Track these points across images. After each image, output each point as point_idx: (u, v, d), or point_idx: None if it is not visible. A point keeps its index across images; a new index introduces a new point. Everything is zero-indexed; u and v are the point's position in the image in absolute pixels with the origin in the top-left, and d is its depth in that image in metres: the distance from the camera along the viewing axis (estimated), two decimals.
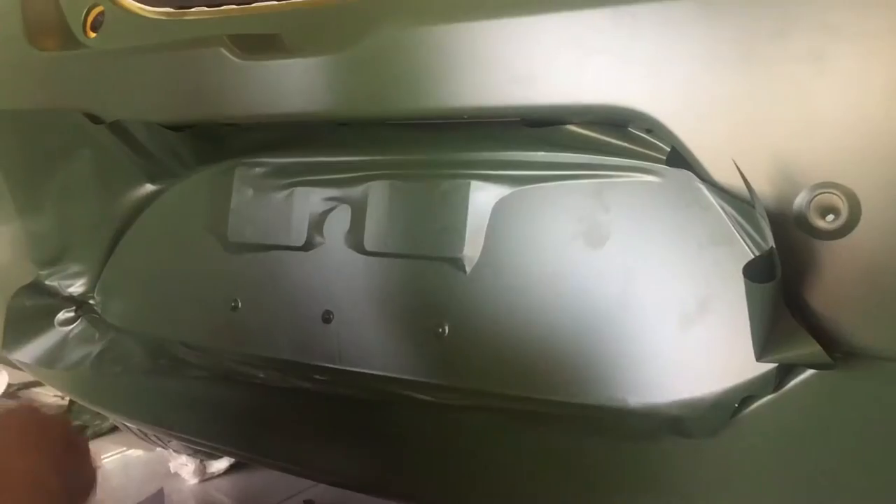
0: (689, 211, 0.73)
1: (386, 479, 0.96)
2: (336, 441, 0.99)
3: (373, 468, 0.97)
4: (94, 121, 1.04)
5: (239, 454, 1.16)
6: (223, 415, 1.08)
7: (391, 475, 0.95)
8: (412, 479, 0.93)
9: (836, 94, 0.62)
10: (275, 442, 1.06)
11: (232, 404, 1.07)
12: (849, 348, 0.63)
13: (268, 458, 1.11)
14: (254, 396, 1.04)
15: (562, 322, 0.79)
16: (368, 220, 0.92)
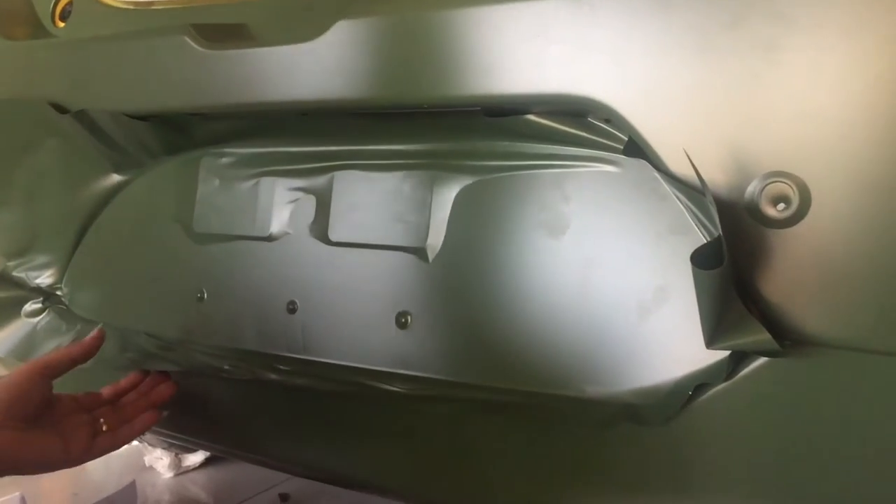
0: (647, 201, 0.74)
1: (354, 469, 0.96)
2: (305, 433, 0.99)
3: (342, 459, 0.97)
4: (60, 110, 1.03)
5: (210, 446, 1.16)
6: (192, 406, 1.08)
7: (360, 466, 0.95)
8: (380, 469, 0.93)
9: (788, 85, 0.62)
10: (244, 433, 1.06)
11: (200, 396, 1.07)
12: (799, 336, 0.64)
13: (237, 449, 1.10)
14: (222, 388, 1.04)
15: (522, 312, 0.79)
16: (333, 211, 0.92)
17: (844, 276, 0.62)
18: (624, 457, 0.74)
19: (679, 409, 0.70)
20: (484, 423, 0.83)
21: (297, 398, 0.97)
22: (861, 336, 0.62)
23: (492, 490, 0.82)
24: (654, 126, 0.67)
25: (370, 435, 0.92)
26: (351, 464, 0.94)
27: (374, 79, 0.80)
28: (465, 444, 0.84)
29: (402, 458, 0.89)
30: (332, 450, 0.96)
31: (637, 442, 0.73)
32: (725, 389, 0.68)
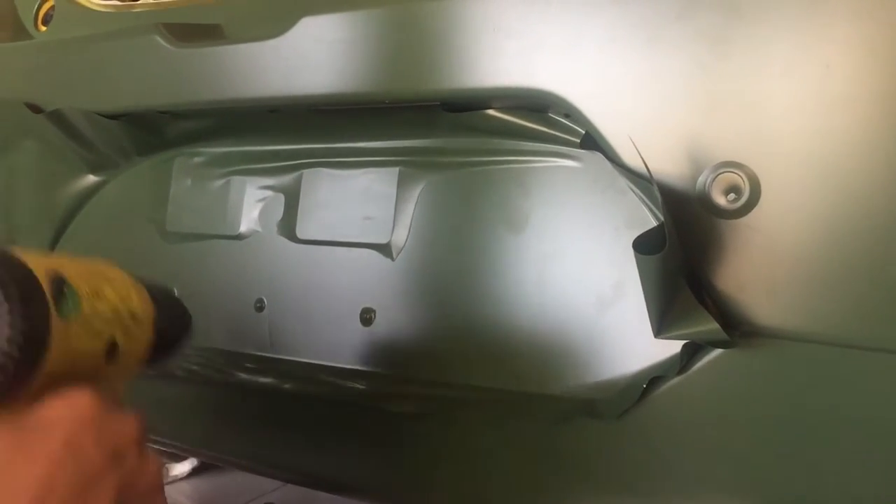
0: (605, 195, 0.74)
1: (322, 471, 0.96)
2: (278, 435, 0.98)
3: (309, 461, 0.96)
4: (35, 110, 1.04)
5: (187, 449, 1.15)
6: (166, 408, 1.07)
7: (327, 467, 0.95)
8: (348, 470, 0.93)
9: (736, 76, 0.63)
10: (219, 437, 1.05)
11: (174, 399, 1.06)
12: (752, 328, 0.63)
13: (209, 451, 1.10)
14: (197, 391, 1.03)
15: (482, 308, 0.79)
16: (301, 209, 0.92)
17: (795, 267, 0.62)
18: (579, 452, 0.73)
19: (634, 403, 0.69)
20: (447, 422, 0.82)
21: (270, 400, 0.97)
22: (813, 327, 0.62)
23: (455, 488, 0.82)
24: (606, 118, 0.68)
25: (337, 436, 0.91)
26: (318, 465, 0.93)
27: (336, 74, 0.80)
28: (426, 443, 0.84)
29: (369, 458, 0.89)
30: (302, 451, 0.96)
31: (594, 437, 0.72)
32: (680, 382, 0.68)
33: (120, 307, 0.54)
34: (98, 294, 0.52)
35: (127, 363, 0.56)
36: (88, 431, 0.47)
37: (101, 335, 0.52)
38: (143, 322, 0.57)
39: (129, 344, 0.55)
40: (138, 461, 0.50)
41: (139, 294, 0.58)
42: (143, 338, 0.58)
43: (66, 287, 0.49)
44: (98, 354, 0.52)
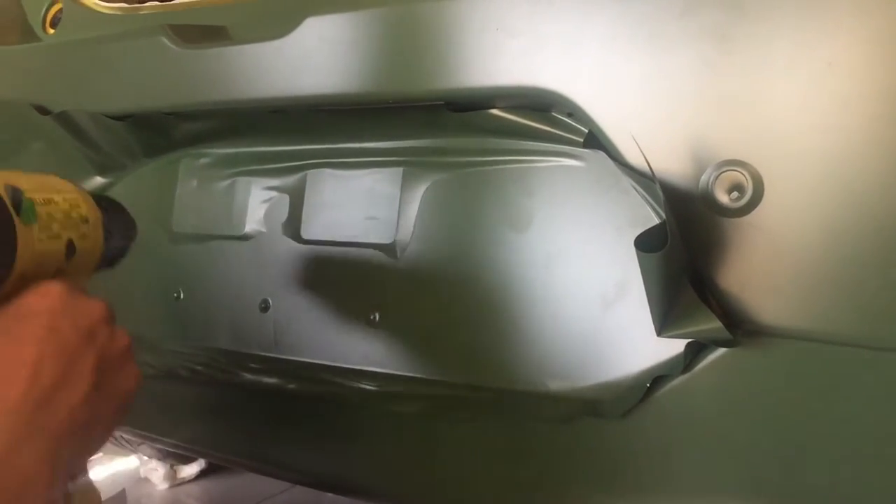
0: (609, 194, 0.74)
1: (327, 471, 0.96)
2: (281, 436, 0.99)
3: (314, 461, 0.96)
4: (43, 112, 1.04)
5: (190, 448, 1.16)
6: (171, 410, 1.08)
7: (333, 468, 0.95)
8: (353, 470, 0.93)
9: (740, 73, 0.62)
10: (222, 436, 1.06)
11: (179, 399, 1.07)
12: (755, 326, 0.63)
13: (214, 451, 1.10)
14: (200, 391, 1.04)
15: (486, 307, 0.79)
16: (305, 209, 0.92)
17: (799, 265, 0.62)
18: (582, 452, 0.73)
19: (638, 402, 0.69)
20: (450, 422, 0.82)
21: (275, 401, 0.97)
22: (817, 325, 0.61)
23: (460, 488, 0.82)
24: (609, 116, 0.67)
25: (341, 436, 0.92)
26: (322, 466, 0.94)
27: (340, 74, 0.80)
28: (431, 442, 0.84)
29: (373, 458, 0.89)
30: (306, 452, 0.96)
31: (597, 436, 0.72)
32: (684, 382, 0.68)
33: (71, 212, 0.62)
34: (50, 201, 0.59)
35: (85, 261, 0.64)
36: (64, 316, 0.55)
37: (60, 237, 0.60)
38: (93, 225, 0.65)
39: (84, 243, 0.63)
40: (108, 336, 0.58)
41: (86, 201, 0.65)
42: (96, 238, 0.65)
43: (23, 197, 0.55)
44: (59, 254, 0.60)
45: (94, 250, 0.66)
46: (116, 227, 0.70)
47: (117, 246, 0.71)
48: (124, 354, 0.60)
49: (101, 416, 0.57)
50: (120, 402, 0.59)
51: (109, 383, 0.57)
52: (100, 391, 0.56)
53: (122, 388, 0.59)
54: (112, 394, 0.58)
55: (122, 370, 0.59)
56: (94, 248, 0.65)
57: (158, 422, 1.08)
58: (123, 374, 0.59)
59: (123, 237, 0.72)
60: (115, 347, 0.59)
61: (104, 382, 0.56)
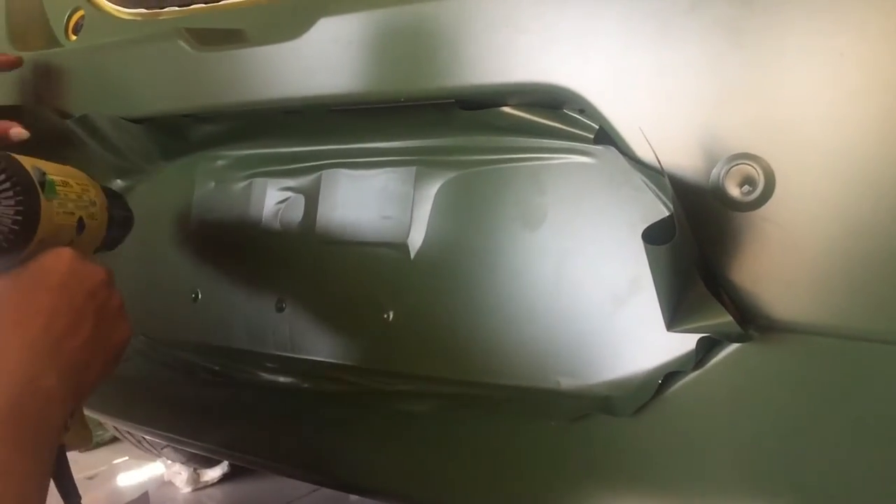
0: (621, 191, 0.73)
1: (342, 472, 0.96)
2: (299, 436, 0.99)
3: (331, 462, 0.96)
4: (64, 117, 1.06)
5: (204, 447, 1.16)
6: (188, 408, 1.09)
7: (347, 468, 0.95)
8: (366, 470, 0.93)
9: (750, 66, 0.62)
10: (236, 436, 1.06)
11: (196, 399, 1.07)
12: (768, 321, 0.62)
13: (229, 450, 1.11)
14: (218, 391, 1.04)
15: (499, 305, 0.79)
16: (320, 209, 0.92)
17: (812, 259, 0.61)
18: (594, 449, 0.73)
19: (649, 399, 0.68)
20: (464, 421, 0.82)
21: (289, 400, 0.97)
22: (831, 320, 0.61)
23: (473, 486, 0.81)
24: (620, 112, 0.67)
25: (358, 436, 0.92)
26: (338, 465, 0.94)
27: (353, 74, 0.81)
28: (446, 442, 0.84)
29: (388, 458, 0.89)
30: (322, 452, 0.96)
31: (609, 433, 0.72)
32: (696, 378, 0.67)
33: (83, 195, 0.76)
34: (67, 184, 0.73)
35: (91, 238, 0.78)
36: (73, 275, 0.68)
37: (73, 214, 0.73)
38: (100, 208, 0.80)
39: (91, 221, 0.77)
40: (107, 295, 0.71)
41: (95, 187, 0.80)
42: (101, 218, 0.80)
43: (46, 177, 0.69)
44: (72, 228, 0.73)
45: (100, 230, 0.80)
46: (118, 215, 0.85)
47: (117, 231, 0.86)
48: (118, 311, 0.73)
49: (98, 359, 0.69)
50: (113, 348, 0.71)
51: (105, 333, 0.70)
52: (97, 338, 0.68)
53: (115, 337, 0.72)
54: (107, 341, 0.70)
55: (116, 325, 0.72)
56: (99, 227, 0.80)
57: (176, 422, 1.09)
58: (117, 326, 0.72)
59: (122, 225, 0.87)
60: (111, 305, 0.71)
61: (101, 332, 0.69)
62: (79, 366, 0.66)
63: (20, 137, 0.98)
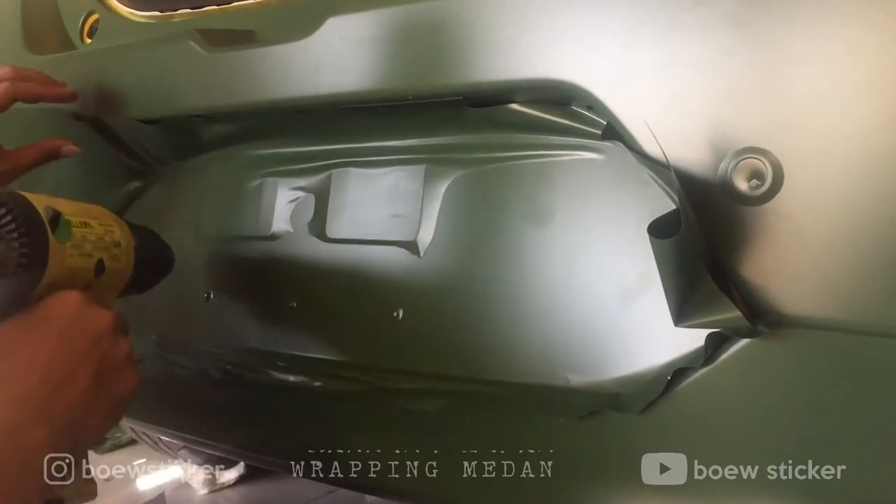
0: (630, 186, 0.73)
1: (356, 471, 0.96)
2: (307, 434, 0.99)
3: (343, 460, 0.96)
4: (79, 119, 1.07)
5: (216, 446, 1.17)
6: (201, 408, 1.09)
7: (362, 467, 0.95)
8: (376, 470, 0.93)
9: (756, 60, 0.62)
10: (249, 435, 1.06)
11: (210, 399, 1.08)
12: (778, 317, 0.62)
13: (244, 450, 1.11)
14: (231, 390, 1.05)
15: (509, 302, 0.79)
16: (330, 208, 0.93)
17: (821, 253, 0.60)
18: (604, 446, 0.73)
19: (659, 396, 0.68)
20: (474, 418, 0.82)
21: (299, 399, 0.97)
22: (841, 315, 0.60)
23: (481, 484, 0.81)
24: (627, 107, 0.67)
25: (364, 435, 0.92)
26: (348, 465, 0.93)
27: (362, 72, 0.81)
28: (456, 440, 0.83)
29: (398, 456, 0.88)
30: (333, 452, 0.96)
31: (618, 430, 0.71)
32: (705, 374, 0.66)
33: (105, 236, 0.72)
34: (87, 224, 0.69)
35: (113, 280, 0.74)
36: (76, 322, 0.64)
37: (91, 256, 0.69)
38: (125, 250, 0.75)
39: (113, 264, 0.73)
40: (112, 345, 0.66)
41: (121, 228, 0.76)
42: (126, 260, 0.76)
43: (61, 218, 0.65)
44: (89, 270, 0.69)
45: (124, 272, 0.76)
46: (149, 256, 0.80)
47: (149, 272, 0.81)
48: (125, 361, 0.68)
49: (98, 410, 0.64)
50: (116, 400, 0.66)
51: (108, 385, 0.65)
52: (98, 390, 0.64)
53: (119, 390, 0.67)
54: (109, 393, 0.65)
55: (120, 374, 0.67)
56: (124, 270, 0.76)
57: (187, 421, 1.10)
58: (122, 378, 0.67)
59: (154, 267, 0.83)
60: (116, 354, 0.67)
61: (103, 383, 0.64)
62: (75, 417, 0.62)
63: (71, 154, 0.98)
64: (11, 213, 0.60)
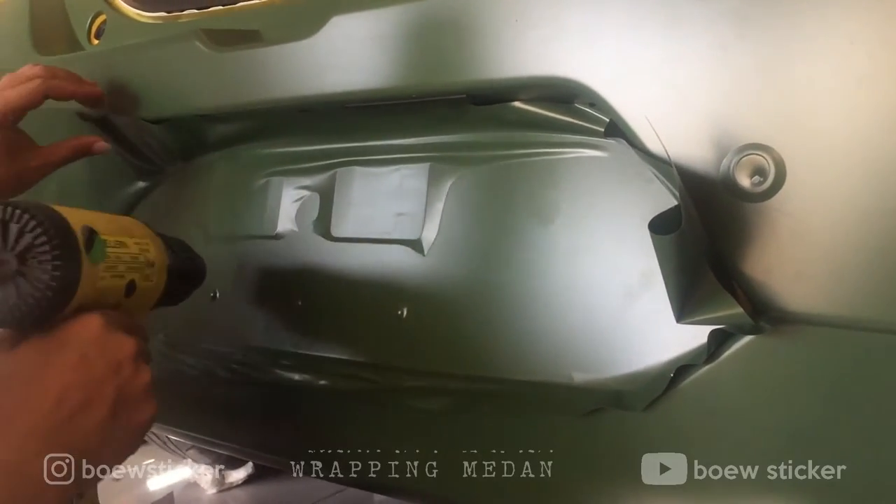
0: (633, 184, 0.73)
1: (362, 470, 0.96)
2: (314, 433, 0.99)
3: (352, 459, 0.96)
4: (85, 118, 1.07)
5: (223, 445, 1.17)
6: (207, 407, 1.09)
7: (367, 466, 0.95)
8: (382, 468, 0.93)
9: (759, 56, 0.61)
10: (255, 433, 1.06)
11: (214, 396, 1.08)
12: (780, 313, 0.62)
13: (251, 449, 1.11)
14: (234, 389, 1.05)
15: (512, 300, 0.79)
16: (335, 207, 0.93)
17: (824, 250, 0.60)
18: (606, 443, 0.72)
19: (661, 393, 0.68)
20: (477, 416, 0.82)
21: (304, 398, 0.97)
22: (844, 311, 0.60)
23: (485, 483, 0.81)
24: (629, 103, 0.67)
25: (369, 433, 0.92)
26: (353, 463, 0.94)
27: (365, 71, 0.81)
28: (460, 438, 0.83)
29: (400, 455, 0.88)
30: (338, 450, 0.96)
31: (621, 428, 0.71)
32: (708, 372, 0.66)
33: (139, 256, 0.69)
34: (122, 244, 0.66)
35: (144, 299, 0.72)
36: (95, 349, 0.61)
37: (123, 277, 0.67)
38: (158, 269, 0.73)
39: (145, 283, 0.71)
40: (132, 372, 0.63)
41: (156, 245, 0.74)
42: (159, 280, 0.74)
43: (96, 238, 0.62)
44: (119, 291, 0.67)
45: (155, 291, 0.74)
46: (181, 271, 0.79)
47: (181, 286, 0.80)
48: (144, 390, 0.65)
49: (114, 442, 0.61)
50: (133, 431, 0.64)
51: (125, 414, 0.62)
52: (115, 420, 0.61)
53: (136, 420, 0.64)
54: (126, 424, 0.62)
55: (138, 404, 0.64)
56: (155, 288, 0.74)
57: (193, 420, 1.10)
58: (139, 407, 0.64)
59: (186, 282, 0.82)
60: (136, 383, 0.64)
61: (120, 413, 0.62)
62: (90, 448, 0.59)
63: (103, 151, 0.99)
64: (47, 234, 0.57)
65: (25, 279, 0.57)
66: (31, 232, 0.57)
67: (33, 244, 0.57)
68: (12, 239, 0.57)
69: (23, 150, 0.94)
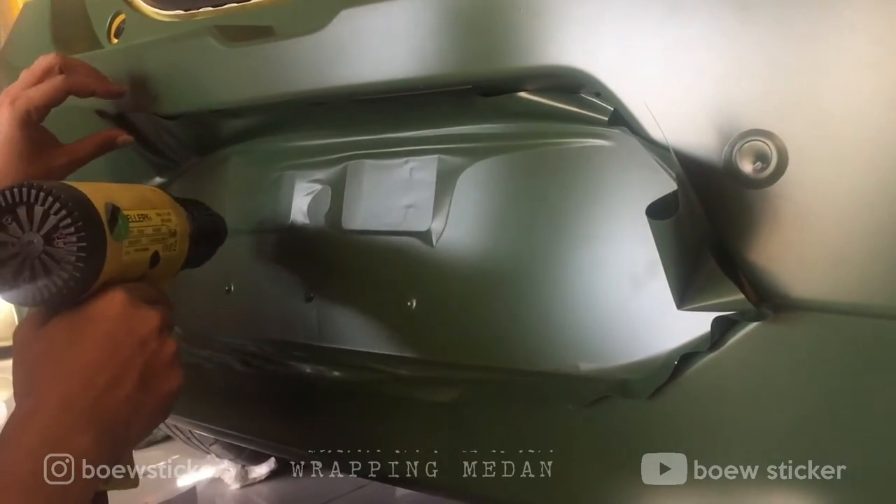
0: (639, 173, 0.73)
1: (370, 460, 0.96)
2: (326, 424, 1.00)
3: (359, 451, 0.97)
4: (103, 115, 1.09)
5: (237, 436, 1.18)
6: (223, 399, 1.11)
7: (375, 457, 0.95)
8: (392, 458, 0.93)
9: (760, 42, 0.61)
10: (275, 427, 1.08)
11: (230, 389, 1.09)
12: (783, 300, 0.61)
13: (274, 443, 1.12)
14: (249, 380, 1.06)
15: (520, 291, 0.79)
16: (345, 200, 0.94)
17: (827, 236, 0.60)
18: (612, 432, 0.72)
19: (666, 381, 0.67)
20: (484, 406, 0.82)
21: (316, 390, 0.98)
22: (847, 298, 0.59)
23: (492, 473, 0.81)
24: (632, 91, 0.67)
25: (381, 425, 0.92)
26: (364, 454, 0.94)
27: (373, 64, 0.82)
28: (469, 428, 0.84)
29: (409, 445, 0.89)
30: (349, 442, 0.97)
31: (626, 416, 0.71)
32: (713, 359, 0.66)
33: (161, 227, 0.71)
34: (144, 217, 0.68)
35: (168, 269, 0.74)
36: (123, 323, 0.63)
37: (147, 250, 0.68)
38: (180, 237, 0.75)
39: (168, 253, 0.72)
40: (158, 345, 0.66)
41: (178, 215, 0.75)
42: (181, 248, 0.76)
43: (120, 215, 0.63)
44: (144, 264, 0.69)
45: (178, 259, 0.77)
46: (203, 234, 0.81)
47: (205, 248, 0.83)
48: (170, 361, 0.67)
49: (143, 412, 0.64)
50: (161, 401, 0.66)
51: (153, 385, 0.65)
52: (143, 391, 0.64)
53: (164, 389, 0.66)
54: (154, 394, 0.65)
55: (166, 374, 0.66)
56: (178, 256, 0.76)
57: (210, 412, 1.11)
58: (167, 378, 0.66)
59: (209, 243, 0.84)
60: (162, 354, 0.66)
61: (148, 384, 0.64)
62: (120, 421, 0.62)
63: (127, 143, 1.01)
64: (71, 216, 0.59)
65: (52, 259, 0.59)
66: (55, 214, 0.59)
67: (58, 225, 0.59)
68: (38, 221, 0.59)
69: (49, 149, 0.95)
